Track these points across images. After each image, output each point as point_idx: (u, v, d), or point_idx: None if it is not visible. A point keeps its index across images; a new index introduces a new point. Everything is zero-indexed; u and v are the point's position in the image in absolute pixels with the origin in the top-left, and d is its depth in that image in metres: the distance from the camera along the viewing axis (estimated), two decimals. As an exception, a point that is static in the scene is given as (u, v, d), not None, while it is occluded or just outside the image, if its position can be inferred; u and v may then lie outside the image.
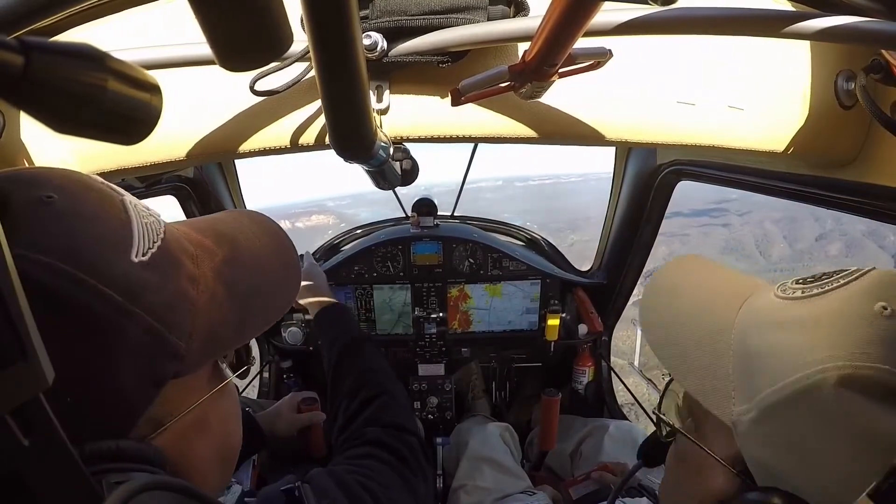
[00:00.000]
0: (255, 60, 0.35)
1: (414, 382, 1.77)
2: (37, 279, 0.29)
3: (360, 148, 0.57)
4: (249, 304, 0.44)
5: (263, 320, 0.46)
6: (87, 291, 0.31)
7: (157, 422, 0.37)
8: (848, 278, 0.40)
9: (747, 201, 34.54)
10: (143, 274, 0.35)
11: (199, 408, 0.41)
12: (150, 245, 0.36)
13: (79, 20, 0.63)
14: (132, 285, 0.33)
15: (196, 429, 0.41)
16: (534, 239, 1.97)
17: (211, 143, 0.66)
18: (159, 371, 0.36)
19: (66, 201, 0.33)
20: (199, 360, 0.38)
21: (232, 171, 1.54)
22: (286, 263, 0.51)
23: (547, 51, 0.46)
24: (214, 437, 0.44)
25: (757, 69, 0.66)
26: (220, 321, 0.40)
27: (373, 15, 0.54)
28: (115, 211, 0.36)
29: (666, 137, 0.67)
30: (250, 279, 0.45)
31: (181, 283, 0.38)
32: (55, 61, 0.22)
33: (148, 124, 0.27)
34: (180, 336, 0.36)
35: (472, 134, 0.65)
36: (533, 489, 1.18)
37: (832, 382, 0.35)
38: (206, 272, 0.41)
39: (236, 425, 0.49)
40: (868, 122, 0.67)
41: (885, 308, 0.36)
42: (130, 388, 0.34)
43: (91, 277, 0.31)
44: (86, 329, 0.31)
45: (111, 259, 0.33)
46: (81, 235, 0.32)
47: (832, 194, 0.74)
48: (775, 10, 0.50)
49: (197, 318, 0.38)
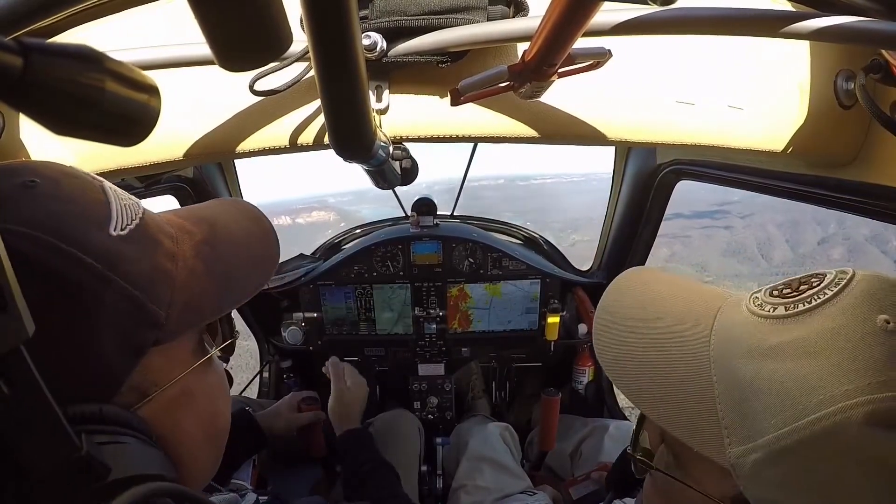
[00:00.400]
0: (255, 60, 0.35)
1: (414, 382, 1.77)
2: (18, 248, 0.30)
3: (359, 148, 0.57)
4: (228, 279, 0.46)
5: (241, 294, 0.47)
6: (66, 259, 0.33)
7: (141, 392, 0.38)
8: (835, 289, 0.37)
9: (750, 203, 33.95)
10: (121, 246, 0.36)
11: (184, 381, 0.42)
12: (129, 222, 0.38)
13: (78, 21, 0.63)
14: (110, 255, 0.35)
15: (181, 403, 0.42)
16: (534, 238, 1.97)
17: (211, 143, 0.66)
18: (139, 338, 0.37)
19: (46, 186, 0.35)
20: (178, 329, 0.40)
21: (232, 171, 1.54)
22: (264, 242, 0.53)
23: (546, 51, 0.46)
24: (201, 413, 0.45)
25: (756, 69, 0.66)
26: (199, 293, 0.42)
27: (372, 15, 0.54)
28: (94, 193, 0.38)
29: (666, 137, 0.67)
30: (228, 257, 0.47)
31: (159, 258, 0.39)
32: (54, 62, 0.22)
33: (146, 125, 0.27)
34: (159, 305, 0.38)
35: (471, 134, 0.65)
36: (533, 489, 1.18)
37: (858, 421, 0.32)
38: (186, 250, 0.43)
39: (224, 405, 0.50)
40: (868, 121, 0.67)
41: (888, 322, 0.34)
42: (111, 353, 0.35)
43: (70, 246, 0.33)
44: (66, 295, 0.33)
45: (90, 232, 0.35)
46: (61, 212, 0.35)
47: (832, 194, 0.74)
48: (775, 10, 0.50)
49: (175, 290, 0.39)
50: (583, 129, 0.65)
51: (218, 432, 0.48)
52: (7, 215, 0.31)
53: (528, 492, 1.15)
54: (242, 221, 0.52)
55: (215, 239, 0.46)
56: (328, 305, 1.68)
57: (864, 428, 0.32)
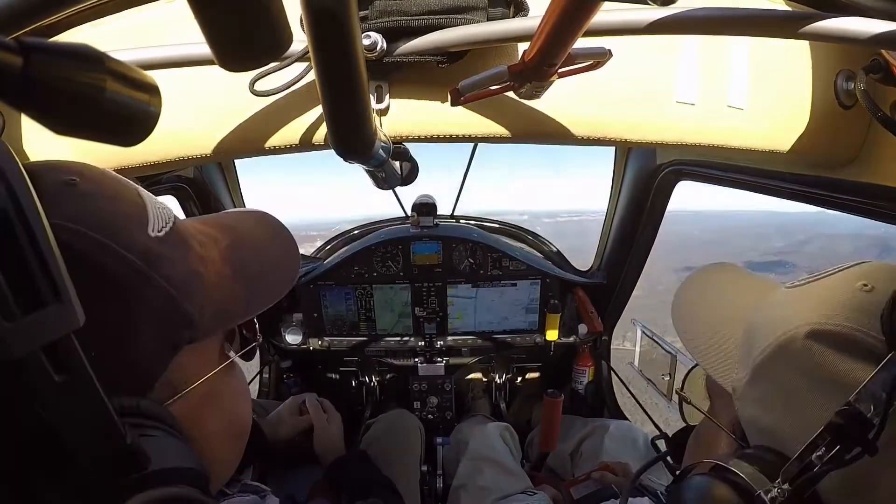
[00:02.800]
0: (255, 60, 0.35)
1: (414, 382, 1.77)
2: (67, 243, 0.31)
3: (359, 148, 0.57)
4: (254, 283, 0.48)
5: (269, 297, 0.49)
6: (111, 256, 0.34)
7: (172, 388, 0.40)
8: (842, 267, 0.44)
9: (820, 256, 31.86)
10: (160, 247, 0.38)
11: (211, 382, 0.43)
12: (164, 225, 0.40)
13: (78, 20, 0.63)
14: (150, 254, 0.37)
15: (208, 402, 0.44)
16: (534, 238, 1.97)
17: (211, 143, 0.66)
18: (175, 335, 0.38)
19: (87, 184, 0.37)
20: (210, 329, 0.41)
21: (232, 171, 1.54)
22: (285, 248, 0.55)
23: (546, 51, 0.46)
24: (224, 413, 0.47)
25: (756, 69, 0.66)
26: (228, 296, 0.44)
27: (372, 15, 0.54)
28: (131, 195, 0.40)
29: (666, 137, 0.67)
30: (253, 262, 0.49)
31: (192, 261, 0.41)
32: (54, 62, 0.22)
33: (146, 125, 0.27)
34: (193, 305, 0.39)
35: (471, 134, 0.65)
36: (533, 489, 1.18)
37: (802, 335, 0.39)
38: (213, 255, 0.44)
39: (246, 406, 0.52)
40: (868, 122, 0.67)
41: (865, 285, 0.39)
42: (149, 348, 0.37)
43: (114, 243, 0.34)
44: (110, 290, 0.34)
45: (131, 230, 0.36)
46: (104, 210, 0.36)
47: (832, 194, 0.74)
48: (775, 10, 0.50)
49: (207, 292, 0.41)
50: (583, 129, 0.65)
51: (240, 432, 0.50)
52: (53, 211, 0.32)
53: (527, 492, 1.15)
54: (261, 228, 0.55)
55: (240, 244, 0.49)
56: (328, 306, 1.68)
57: (805, 341, 0.39)
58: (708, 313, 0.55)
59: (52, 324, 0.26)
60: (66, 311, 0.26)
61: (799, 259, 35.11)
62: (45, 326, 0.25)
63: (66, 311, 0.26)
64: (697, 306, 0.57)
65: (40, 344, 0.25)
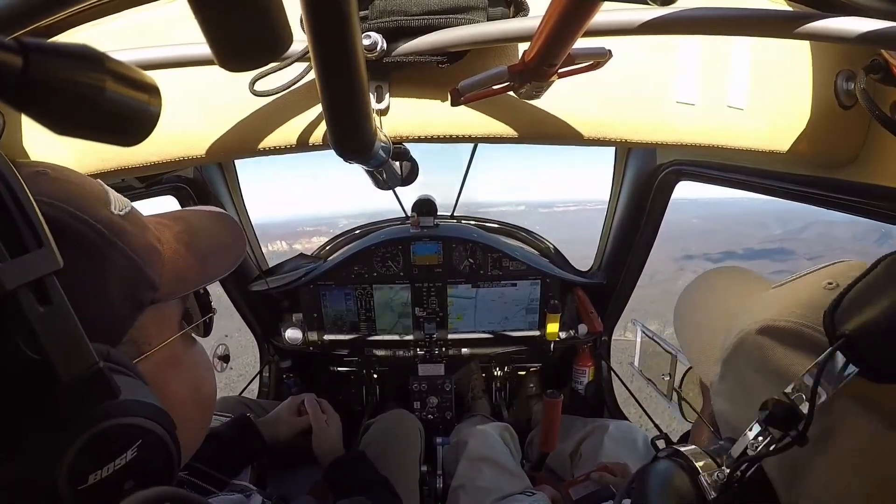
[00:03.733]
0: (255, 60, 0.35)
1: (414, 382, 1.77)
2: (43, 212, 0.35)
3: (359, 148, 0.57)
4: (206, 257, 0.55)
5: (219, 270, 0.56)
6: (80, 222, 0.40)
7: (137, 347, 0.45)
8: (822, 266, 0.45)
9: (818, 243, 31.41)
10: (122, 221, 0.45)
11: (172, 348, 0.50)
12: (123, 207, 0.47)
13: (78, 20, 0.63)
14: (114, 225, 0.43)
15: (170, 365, 0.50)
16: (534, 238, 1.97)
17: (211, 143, 0.66)
18: (139, 295, 0.45)
19: (57, 175, 0.43)
20: (170, 292, 0.48)
21: (232, 171, 1.54)
22: (230, 231, 0.62)
23: (546, 51, 0.46)
24: (188, 378, 0.53)
25: (756, 69, 0.66)
26: (183, 267, 0.50)
27: (372, 15, 0.54)
28: (94, 183, 0.47)
29: (666, 137, 0.67)
30: (204, 242, 0.56)
31: (149, 238, 0.48)
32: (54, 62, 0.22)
33: (146, 125, 0.27)
34: (154, 272, 0.46)
35: (471, 134, 0.65)
36: (532, 489, 1.18)
37: (754, 331, 0.41)
38: (168, 237, 0.51)
39: (209, 374, 0.58)
40: (868, 122, 0.67)
41: (830, 283, 0.40)
42: (117, 304, 0.43)
43: (83, 214, 0.41)
44: (81, 251, 0.40)
45: (96, 206, 0.43)
46: (72, 191, 0.43)
47: (832, 194, 0.74)
48: (775, 10, 0.50)
49: (165, 266, 0.48)
50: (583, 129, 0.65)
51: (204, 397, 0.56)
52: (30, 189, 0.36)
53: (527, 492, 1.15)
54: (211, 218, 0.62)
55: (191, 229, 0.55)
56: (328, 306, 1.68)
57: (756, 337, 0.41)
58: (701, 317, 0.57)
59: (36, 265, 0.30)
60: (47, 256, 0.31)
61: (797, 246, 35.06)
62: (31, 266, 0.30)
63: (47, 256, 0.31)
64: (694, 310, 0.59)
65: (27, 279, 0.30)
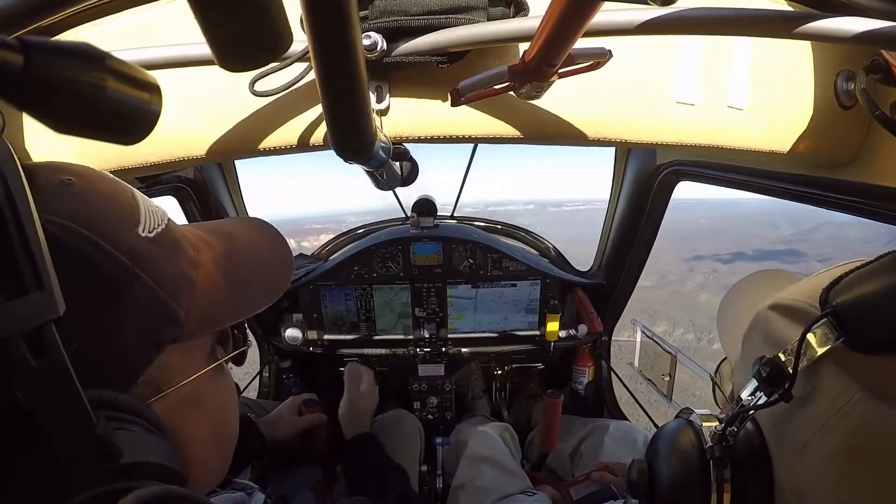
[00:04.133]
0: (255, 60, 0.35)
1: (414, 382, 1.77)
2: (56, 237, 0.32)
3: (360, 148, 0.57)
4: (243, 290, 0.48)
5: (255, 305, 0.49)
6: (99, 252, 0.35)
7: (155, 386, 0.40)
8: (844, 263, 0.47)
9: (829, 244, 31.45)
10: (149, 246, 0.39)
11: (196, 384, 0.43)
12: (155, 226, 0.41)
13: (79, 20, 0.63)
14: (139, 253, 0.37)
15: (192, 404, 0.44)
16: (534, 240, 1.97)
17: (211, 143, 0.66)
18: (160, 333, 0.39)
19: (83, 186, 0.37)
20: (195, 330, 0.42)
21: (232, 171, 1.54)
22: (280, 257, 0.55)
23: (546, 51, 0.46)
24: (210, 417, 0.46)
25: (756, 69, 0.66)
26: (216, 300, 0.44)
27: (372, 15, 0.54)
28: (125, 196, 0.40)
29: (666, 137, 0.67)
30: (247, 271, 0.50)
31: (182, 263, 0.42)
32: (55, 61, 0.22)
33: (147, 124, 0.27)
34: (179, 305, 0.40)
35: (471, 134, 0.65)
36: (532, 489, 1.18)
37: (766, 308, 0.46)
38: (206, 260, 0.45)
39: (233, 412, 0.51)
40: (868, 122, 0.67)
41: None
42: (133, 344, 0.37)
43: (102, 239, 0.35)
44: (96, 284, 0.35)
45: (121, 229, 0.37)
46: (95, 209, 0.37)
47: (832, 194, 0.74)
48: (775, 10, 0.50)
49: (195, 295, 0.42)
50: (583, 130, 0.65)
51: (225, 437, 0.50)
52: (47, 206, 0.33)
53: (527, 492, 1.15)
54: (261, 240, 0.55)
55: (234, 254, 0.49)
56: (328, 306, 1.68)
57: (766, 312, 0.45)
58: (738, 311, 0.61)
59: (33, 311, 0.27)
60: (48, 300, 0.27)
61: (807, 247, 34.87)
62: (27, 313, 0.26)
63: (48, 300, 0.27)
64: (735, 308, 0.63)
65: (20, 329, 0.26)
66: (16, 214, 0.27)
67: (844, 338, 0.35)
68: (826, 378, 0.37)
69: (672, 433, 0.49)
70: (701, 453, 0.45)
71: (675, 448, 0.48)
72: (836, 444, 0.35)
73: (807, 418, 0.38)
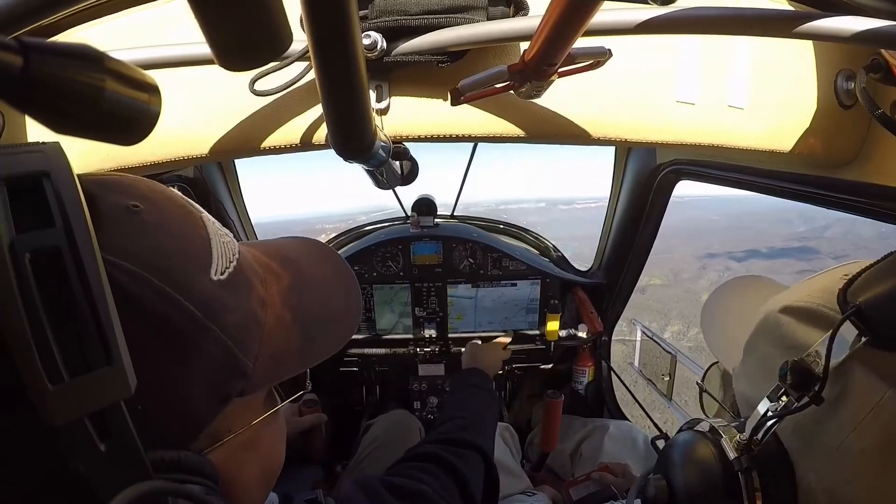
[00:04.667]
0: (255, 60, 0.35)
1: (414, 382, 1.77)
2: (122, 286, 0.29)
3: (359, 148, 0.57)
4: (313, 330, 0.44)
5: (325, 349, 0.45)
6: (169, 303, 0.31)
7: (214, 437, 0.37)
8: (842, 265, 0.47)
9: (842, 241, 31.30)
10: (221, 292, 0.35)
11: (254, 427, 0.41)
12: (227, 264, 0.37)
13: (78, 20, 0.63)
14: (211, 302, 0.34)
15: (248, 447, 0.41)
16: (534, 239, 1.97)
17: (211, 143, 0.66)
18: (227, 388, 0.36)
19: (152, 212, 0.33)
20: (263, 381, 0.38)
21: (232, 171, 1.54)
22: (348, 294, 0.51)
23: (546, 50, 0.46)
24: (263, 456, 0.44)
25: (756, 69, 0.66)
26: (284, 345, 0.41)
27: (372, 14, 0.54)
28: (197, 228, 0.36)
29: (666, 137, 0.67)
30: (314, 307, 0.46)
31: (252, 305, 0.38)
32: (54, 62, 0.22)
33: (146, 125, 0.27)
34: (248, 356, 0.36)
35: (471, 133, 0.65)
36: (533, 489, 1.18)
37: (776, 311, 0.45)
38: (274, 295, 0.42)
39: (282, 444, 0.49)
40: (868, 121, 0.67)
41: (846, 275, 0.42)
42: (199, 402, 0.34)
43: (174, 290, 0.31)
44: (164, 340, 0.31)
45: (193, 274, 0.34)
46: (166, 248, 0.33)
47: (832, 194, 0.74)
48: (775, 10, 0.50)
49: (264, 341, 0.38)
50: (583, 129, 0.65)
51: (274, 473, 0.48)
52: (112, 243, 0.29)
53: (527, 492, 1.15)
54: (325, 266, 0.51)
55: (301, 286, 0.45)
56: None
57: (777, 315, 0.45)
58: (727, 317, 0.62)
59: (100, 391, 0.23)
60: (118, 377, 0.24)
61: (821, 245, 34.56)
62: (93, 393, 0.23)
63: (118, 377, 0.24)
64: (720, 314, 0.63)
65: (85, 413, 0.23)
66: (82, 272, 0.23)
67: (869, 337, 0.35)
68: (855, 378, 0.37)
69: (688, 446, 0.48)
70: (724, 465, 0.44)
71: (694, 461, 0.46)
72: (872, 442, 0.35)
73: (839, 420, 0.38)
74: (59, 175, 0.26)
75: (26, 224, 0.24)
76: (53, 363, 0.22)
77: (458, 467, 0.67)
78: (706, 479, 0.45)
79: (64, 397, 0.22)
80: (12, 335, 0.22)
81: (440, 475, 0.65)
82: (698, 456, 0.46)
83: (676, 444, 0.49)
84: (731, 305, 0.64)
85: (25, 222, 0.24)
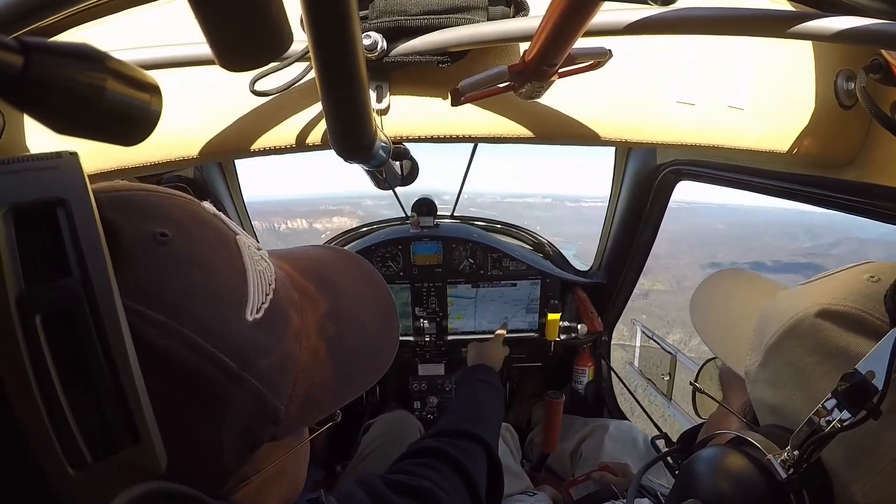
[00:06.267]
0: (255, 60, 0.35)
1: (414, 382, 1.77)
2: (150, 341, 0.26)
3: (360, 148, 0.57)
4: (349, 365, 0.42)
5: (361, 385, 0.42)
6: (200, 356, 0.28)
7: (241, 478, 0.35)
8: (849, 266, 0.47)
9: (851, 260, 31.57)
10: (256, 335, 0.32)
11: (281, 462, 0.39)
12: (264, 299, 0.34)
13: (79, 20, 0.63)
14: (245, 349, 0.31)
15: (274, 481, 0.40)
16: (535, 240, 1.97)
17: (211, 143, 0.66)
18: (258, 435, 0.34)
19: (182, 242, 0.30)
20: (294, 425, 0.36)
21: (232, 171, 1.54)
22: (387, 317, 0.48)
23: (547, 51, 0.46)
24: (286, 485, 0.42)
25: (756, 69, 0.66)
26: (319, 384, 0.38)
27: (372, 15, 0.54)
28: (234, 258, 0.33)
29: (666, 137, 0.67)
30: (352, 338, 0.43)
31: (288, 342, 0.36)
32: (55, 61, 0.22)
33: (147, 125, 0.27)
34: (281, 399, 0.34)
35: (471, 134, 0.65)
36: (533, 489, 1.18)
37: (812, 314, 0.42)
38: (310, 325, 0.39)
39: (305, 469, 0.47)
40: (868, 122, 0.67)
41: (871, 277, 0.42)
42: (228, 452, 0.32)
43: (206, 341, 0.29)
44: (194, 395, 0.29)
45: (228, 317, 0.31)
46: (199, 288, 0.30)
47: (832, 194, 0.74)
48: (775, 10, 0.50)
49: (298, 380, 0.36)
50: (583, 129, 0.65)
51: (295, 496, 0.46)
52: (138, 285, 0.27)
53: (527, 492, 1.15)
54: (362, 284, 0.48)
55: (339, 312, 0.43)
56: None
57: (814, 319, 0.42)
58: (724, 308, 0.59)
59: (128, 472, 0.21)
60: (147, 456, 0.21)
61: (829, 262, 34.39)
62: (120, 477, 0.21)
63: (147, 456, 0.21)
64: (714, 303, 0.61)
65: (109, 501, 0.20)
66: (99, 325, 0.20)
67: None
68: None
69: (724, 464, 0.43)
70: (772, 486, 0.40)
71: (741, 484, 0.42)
72: None
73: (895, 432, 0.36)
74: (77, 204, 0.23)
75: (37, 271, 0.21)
76: (74, 445, 0.20)
77: (459, 459, 0.66)
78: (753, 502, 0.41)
79: (87, 483, 0.20)
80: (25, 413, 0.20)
81: (442, 469, 0.64)
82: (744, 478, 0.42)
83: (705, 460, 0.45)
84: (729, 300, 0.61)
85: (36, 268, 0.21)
